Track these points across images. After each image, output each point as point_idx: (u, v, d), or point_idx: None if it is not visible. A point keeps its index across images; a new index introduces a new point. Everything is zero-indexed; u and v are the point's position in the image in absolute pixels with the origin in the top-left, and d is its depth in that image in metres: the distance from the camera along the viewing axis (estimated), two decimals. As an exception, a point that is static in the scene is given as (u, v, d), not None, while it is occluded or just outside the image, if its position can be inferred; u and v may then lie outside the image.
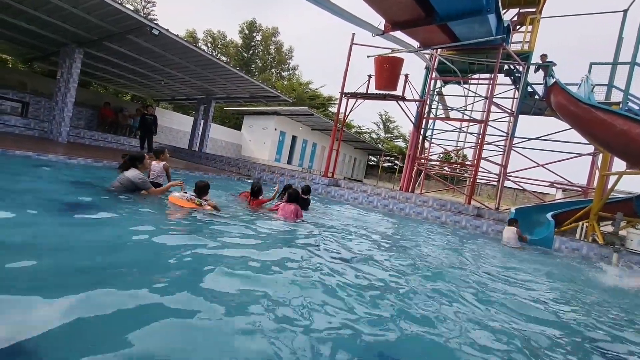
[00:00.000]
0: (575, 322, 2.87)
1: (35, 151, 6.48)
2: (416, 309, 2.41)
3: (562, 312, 3.09)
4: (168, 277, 2.17)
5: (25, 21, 9.23)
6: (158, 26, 8.68)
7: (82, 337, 1.39)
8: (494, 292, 3.28)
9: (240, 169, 13.00)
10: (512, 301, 3.05)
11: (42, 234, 2.54)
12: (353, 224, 6.14)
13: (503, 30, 9.48)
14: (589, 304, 3.63)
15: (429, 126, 13.82)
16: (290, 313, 1.96)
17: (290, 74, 37.18)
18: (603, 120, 6.85)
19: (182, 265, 2.43)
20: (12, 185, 3.97)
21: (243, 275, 2.42)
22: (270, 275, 2.53)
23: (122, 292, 1.79)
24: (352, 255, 3.66)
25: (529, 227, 8.06)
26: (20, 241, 2.29)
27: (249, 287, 2.24)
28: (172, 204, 4.28)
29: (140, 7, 25.02)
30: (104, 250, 2.46)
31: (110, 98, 16.91)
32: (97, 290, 1.73)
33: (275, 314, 1.90)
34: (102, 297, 1.70)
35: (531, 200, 15.26)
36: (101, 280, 1.90)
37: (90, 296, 1.67)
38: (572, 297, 3.85)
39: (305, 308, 2.06)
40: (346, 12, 7.93)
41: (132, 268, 2.18)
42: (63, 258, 2.15)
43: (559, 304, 3.38)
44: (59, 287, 1.75)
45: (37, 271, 1.90)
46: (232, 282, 2.25)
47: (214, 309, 1.82)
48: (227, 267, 2.45)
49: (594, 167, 11.10)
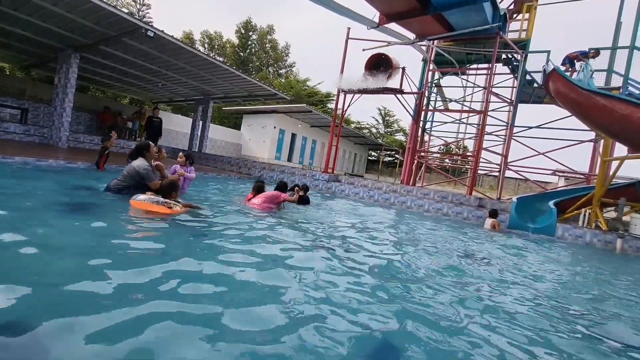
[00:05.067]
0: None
1: (35, 157, 6.50)
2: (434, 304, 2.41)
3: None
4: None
5: (20, 28, 9.23)
6: (153, 28, 8.66)
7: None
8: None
9: (240, 168, 13.01)
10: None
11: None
12: (349, 218, 6.15)
13: (499, 19, 9.40)
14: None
15: (428, 118, 13.78)
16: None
17: (287, 71, 37.10)
18: (603, 105, 6.81)
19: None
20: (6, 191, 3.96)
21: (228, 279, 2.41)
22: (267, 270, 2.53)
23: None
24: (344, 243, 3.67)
25: (532, 215, 8.04)
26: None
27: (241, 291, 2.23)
28: (135, 209, 3.61)
29: (135, 9, 24.98)
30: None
31: (109, 102, 16.94)
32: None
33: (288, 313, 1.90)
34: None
35: (533, 189, 15.19)
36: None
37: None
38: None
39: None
40: (340, 5, 7.89)
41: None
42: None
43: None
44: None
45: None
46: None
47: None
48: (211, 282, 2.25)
49: (596, 154, 11.04)
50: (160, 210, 3.60)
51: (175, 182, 4.09)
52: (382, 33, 10.08)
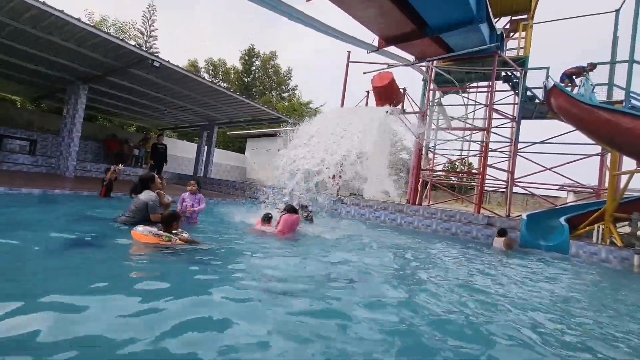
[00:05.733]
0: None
1: (41, 187, 6.55)
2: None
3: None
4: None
5: (33, 63, 9.59)
6: (159, 58, 8.93)
7: None
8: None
9: (245, 192, 13.01)
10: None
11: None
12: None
13: (497, 38, 9.58)
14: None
15: (431, 137, 13.80)
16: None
17: (290, 94, 37.84)
18: (607, 120, 6.75)
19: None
20: (10, 221, 3.96)
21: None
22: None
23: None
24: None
25: (543, 233, 7.83)
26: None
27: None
28: (135, 241, 3.64)
29: (142, 41, 25.97)
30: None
31: (116, 130, 17.29)
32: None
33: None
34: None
35: (542, 205, 14.94)
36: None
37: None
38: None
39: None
40: (340, 32, 8.11)
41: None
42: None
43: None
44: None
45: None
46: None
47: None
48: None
49: (604, 167, 10.88)
50: (156, 241, 3.56)
51: (176, 214, 4.00)
52: (382, 56, 10.29)
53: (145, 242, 3.57)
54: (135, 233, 3.68)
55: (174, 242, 3.64)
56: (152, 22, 26.50)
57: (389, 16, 7.86)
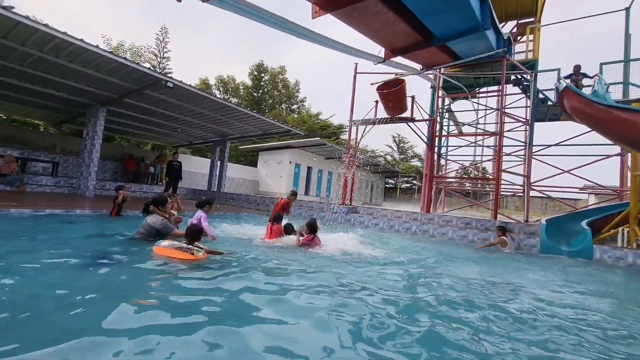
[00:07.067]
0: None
1: (63, 208, 6.80)
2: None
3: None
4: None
5: (55, 89, 10.09)
6: (172, 79, 9.26)
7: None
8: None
9: (259, 205, 13.13)
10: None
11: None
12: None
13: (504, 43, 9.53)
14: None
15: (442, 144, 13.70)
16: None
17: (299, 107, 38.32)
18: (625, 119, 6.58)
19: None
20: (26, 244, 4.07)
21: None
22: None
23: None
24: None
25: (565, 238, 7.60)
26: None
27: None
28: (157, 255, 3.66)
29: (156, 63, 26.92)
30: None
31: (132, 149, 17.83)
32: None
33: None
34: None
35: (562, 208, 14.50)
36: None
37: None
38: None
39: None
40: (346, 46, 8.20)
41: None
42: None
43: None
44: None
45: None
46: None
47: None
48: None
49: (624, 168, 10.54)
50: (184, 256, 3.60)
51: (200, 229, 4.06)
52: (389, 66, 10.37)
53: (170, 256, 3.59)
54: (160, 248, 3.69)
55: (205, 255, 3.73)
56: (165, 44, 27.49)
57: (394, 28, 7.94)
